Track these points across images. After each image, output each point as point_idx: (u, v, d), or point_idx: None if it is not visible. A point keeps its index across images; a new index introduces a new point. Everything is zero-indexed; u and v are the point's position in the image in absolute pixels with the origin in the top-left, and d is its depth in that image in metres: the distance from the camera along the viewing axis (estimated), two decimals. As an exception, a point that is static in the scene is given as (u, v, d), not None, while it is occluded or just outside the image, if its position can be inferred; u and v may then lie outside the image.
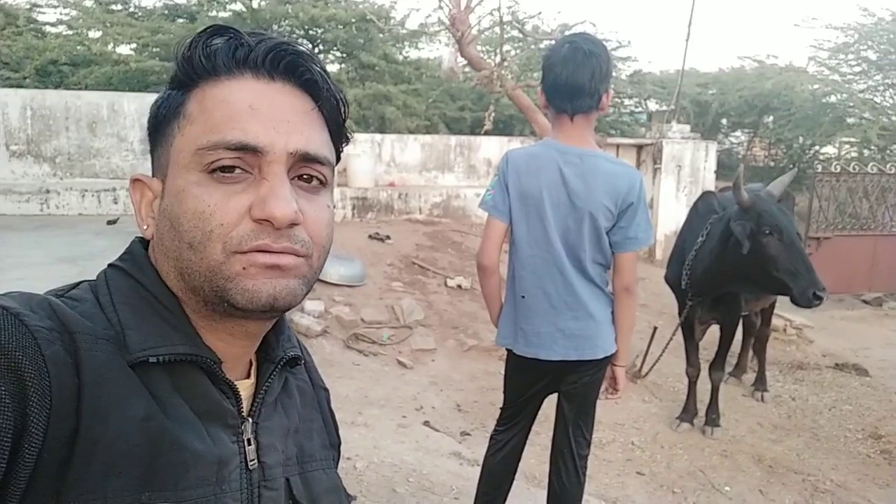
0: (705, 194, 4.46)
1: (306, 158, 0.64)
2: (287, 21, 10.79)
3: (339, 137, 0.72)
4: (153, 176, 0.68)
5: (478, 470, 2.59)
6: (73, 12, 10.51)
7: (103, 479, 0.54)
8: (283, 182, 0.62)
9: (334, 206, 0.72)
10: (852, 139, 12.82)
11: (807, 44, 26.58)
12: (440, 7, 7.89)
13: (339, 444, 0.87)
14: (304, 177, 0.66)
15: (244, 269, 0.61)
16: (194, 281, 0.62)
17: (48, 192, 6.46)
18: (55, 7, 10.66)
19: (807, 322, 6.63)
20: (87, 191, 6.56)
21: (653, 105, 13.35)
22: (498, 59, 8.26)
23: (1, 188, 6.27)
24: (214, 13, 11.08)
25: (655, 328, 5.06)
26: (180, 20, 11.22)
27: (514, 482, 2.53)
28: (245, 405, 0.69)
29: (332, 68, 11.89)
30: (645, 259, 8.61)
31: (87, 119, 7.06)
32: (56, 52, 9.51)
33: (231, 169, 0.61)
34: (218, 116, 0.62)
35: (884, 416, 4.60)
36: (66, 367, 0.55)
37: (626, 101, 13.36)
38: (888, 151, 12.37)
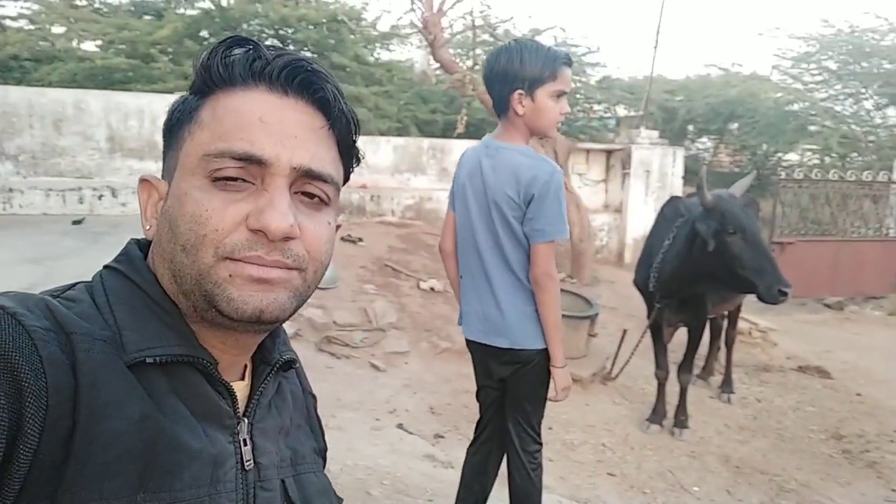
0: (672, 199, 4.54)
1: (310, 175, 0.65)
2: (257, 20, 10.68)
3: (348, 157, 0.73)
4: (162, 178, 0.69)
5: (452, 472, 2.60)
6: (36, 6, 10.26)
7: (99, 481, 0.54)
8: (282, 195, 0.62)
9: (338, 225, 0.72)
10: (814, 146, 13.16)
11: (770, 53, 27.16)
12: (412, 9, 7.91)
13: (326, 449, 0.88)
14: (307, 193, 0.66)
15: (230, 276, 0.61)
16: (185, 284, 0.63)
17: (11, 191, 6.29)
18: (15, 0, 10.40)
19: (771, 325, 6.79)
20: (51, 190, 6.41)
21: (622, 111, 13.52)
22: (470, 62, 8.30)
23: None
24: (182, 10, 10.92)
25: (625, 331, 5.13)
26: (147, 17, 11.03)
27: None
28: (240, 407, 0.69)
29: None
30: (614, 263, 8.72)
31: (52, 116, 6.90)
32: (17, 46, 9.28)
33: (234, 178, 0.62)
34: (228, 125, 0.63)
35: (845, 417, 4.73)
36: (63, 367, 0.54)
37: (596, 107, 13.51)
38: (848, 159, 12.72)
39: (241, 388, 0.71)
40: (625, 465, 3.92)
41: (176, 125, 0.68)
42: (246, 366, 0.74)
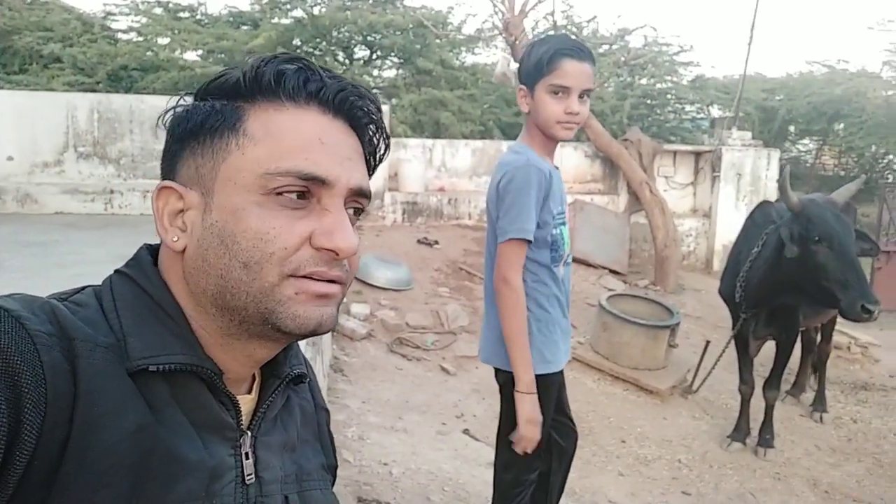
0: (763, 204, 4.30)
1: (360, 193, 0.68)
2: (346, 27, 10.95)
3: (371, 173, 0.75)
4: (172, 180, 0.67)
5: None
6: (144, 20, 10.91)
7: (91, 490, 0.54)
8: (345, 216, 0.65)
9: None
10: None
11: (881, 48, 25.30)
12: (495, 12, 7.88)
13: (336, 466, 0.86)
14: (352, 209, 0.68)
15: (296, 293, 0.62)
16: (238, 300, 0.62)
17: (112, 192, 6.70)
18: (127, 14, 11.10)
19: (873, 340, 6.30)
20: (148, 192, 6.77)
21: (716, 111, 12.95)
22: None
23: (68, 188, 6.55)
24: (277, 20, 11.33)
25: (708, 342, 4.90)
26: (244, 27, 11.52)
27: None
28: (245, 420, 0.69)
29: (389, 74, 12.01)
30: (701, 270, 8.36)
31: (150, 122, 7.30)
32: (126, 57, 9.89)
33: (298, 195, 0.63)
34: (288, 144, 0.63)
35: (955, 444, 4.32)
36: (63, 374, 0.54)
37: (688, 107, 13.01)
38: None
39: (247, 402, 0.70)
40: (701, 483, 3.73)
41: (208, 132, 0.65)
42: (254, 379, 0.74)
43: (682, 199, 8.82)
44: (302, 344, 2.89)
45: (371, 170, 0.73)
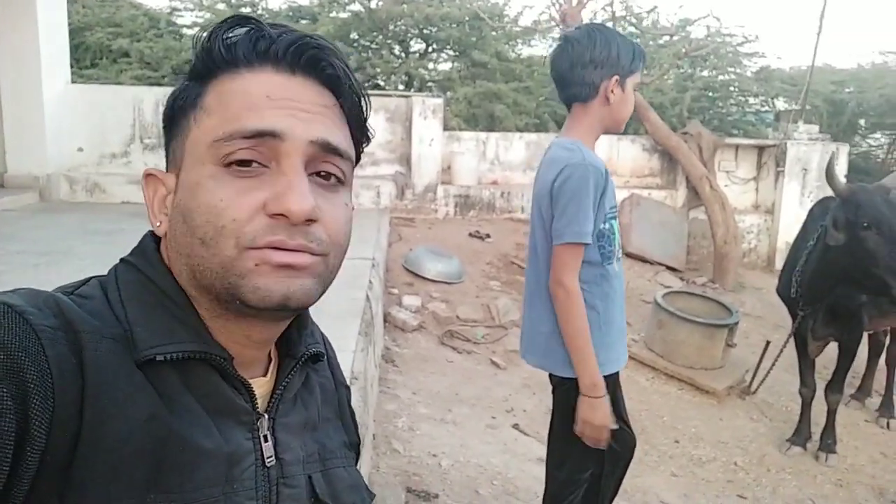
0: (823, 199, 4.15)
1: (327, 149, 0.63)
2: (402, 21, 11.00)
3: (360, 137, 0.70)
4: (167, 170, 0.67)
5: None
6: (208, 15, 11.21)
7: (107, 482, 0.54)
8: (301, 176, 0.61)
9: (353, 206, 0.69)
10: None
11: (966, 37, 23.94)
12: (552, 3, 7.78)
13: (359, 443, 0.85)
14: (322, 174, 0.64)
15: (256, 265, 0.59)
16: (206, 278, 0.61)
17: (177, 181, 6.95)
18: (191, 10, 11.42)
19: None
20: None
21: (781, 104, 12.48)
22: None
23: (134, 178, 6.73)
24: (335, 13, 11.47)
25: (768, 342, 4.74)
26: (303, 21, 11.70)
27: None
28: (262, 402, 0.68)
29: (444, 67, 12.00)
30: (762, 268, 8.09)
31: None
32: (191, 52, 10.19)
33: (248, 162, 0.60)
34: (235, 107, 0.61)
35: None
36: (70, 367, 0.54)
37: (752, 100, 12.57)
38: None
39: (263, 384, 0.70)
40: (758, 488, 3.63)
41: (178, 114, 0.65)
42: (271, 361, 0.73)
43: (744, 195, 8.54)
44: (353, 332, 2.89)
45: (357, 128, 0.69)
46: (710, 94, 11.48)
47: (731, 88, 11.72)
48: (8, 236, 4.56)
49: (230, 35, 0.63)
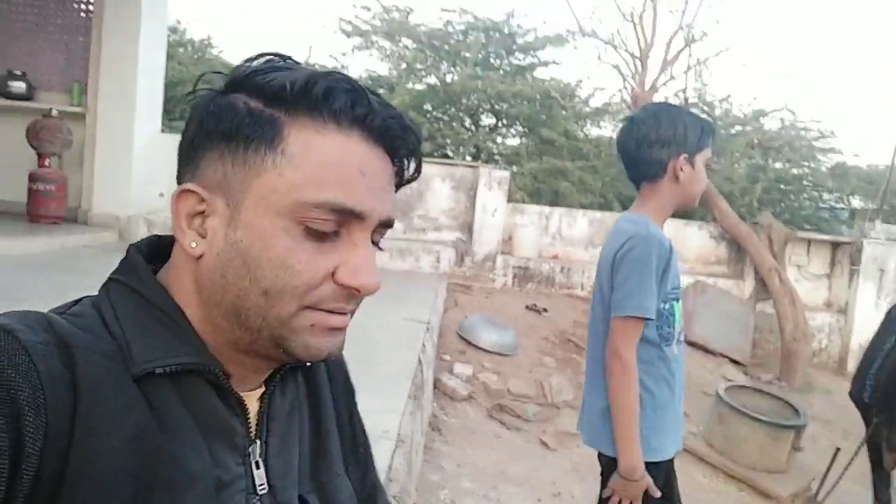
0: (903, 301, 3.93)
1: (388, 224, 0.66)
2: (475, 95, 11.32)
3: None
4: (185, 178, 0.65)
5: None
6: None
7: (94, 499, 0.53)
8: (371, 250, 0.64)
9: None
10: None
11: None
12: (624, 87, 7.87)
13: (368, 444, 0.85)
14: (373, 241, 0.66)
15: (312, 325, 0.62)
16: (253, 323, 0.61)
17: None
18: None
19: None
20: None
21: (857, 202, 12.12)
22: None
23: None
24: (411, 85, 11.92)
25: (838, 449, 4.43)
26: (381, 90, 12.20)
27: None
28: (254, 419, 0.67)
29: (513, 142, 12.21)
30: (833, 370, 7.67)
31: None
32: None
33: (327, 231, 0.61)
34: (330, 175, 0.60)
35: None
36: (63, 382, 0.53)
37: (826, 195, 12.26)
38: None
39: (257, 397, 0.69)
40: None
41: (241, 139, 0.60)
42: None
43: (815, 291, 8.21)
44: (403, 394, 2.85)
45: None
46: (783, 186, 11.26)
47: (805, 182, 11.47)
48: (85, 271, 4.75)
49: (331, 85, 0.61)
